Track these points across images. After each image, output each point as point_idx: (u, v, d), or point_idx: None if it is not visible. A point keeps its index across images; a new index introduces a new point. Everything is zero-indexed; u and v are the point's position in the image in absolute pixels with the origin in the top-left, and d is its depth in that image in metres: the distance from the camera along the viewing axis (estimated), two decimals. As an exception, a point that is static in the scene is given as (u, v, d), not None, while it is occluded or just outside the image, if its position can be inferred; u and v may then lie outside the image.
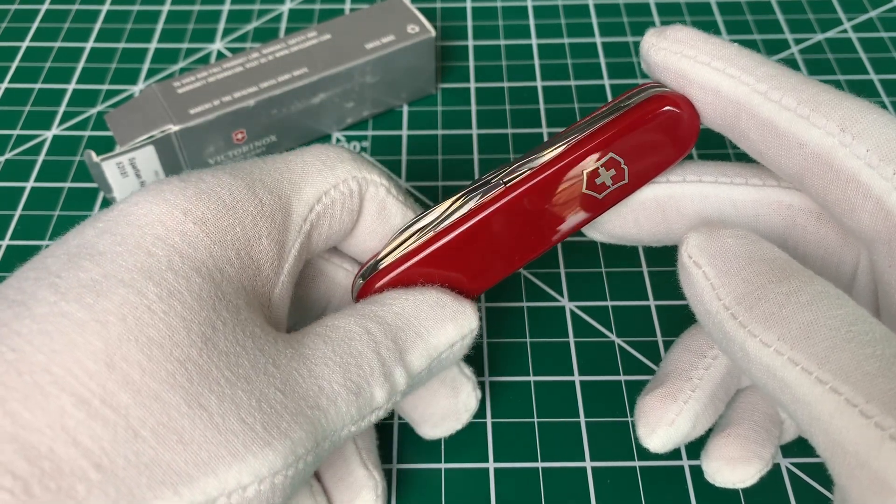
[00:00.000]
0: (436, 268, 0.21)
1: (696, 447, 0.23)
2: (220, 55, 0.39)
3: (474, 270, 0.21)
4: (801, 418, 0.16)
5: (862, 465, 0.14)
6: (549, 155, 0.21)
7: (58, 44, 0.40)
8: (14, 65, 0.39)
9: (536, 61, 0.39)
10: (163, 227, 0.18)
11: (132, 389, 0.15)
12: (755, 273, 0.18)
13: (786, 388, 0.16)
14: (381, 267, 0.21)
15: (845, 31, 0.40)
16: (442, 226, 0.21)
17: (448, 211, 0.21)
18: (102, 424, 0.15)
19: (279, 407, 0.17)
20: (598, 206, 0.21)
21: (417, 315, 0.20)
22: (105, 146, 0.35)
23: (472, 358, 0.28)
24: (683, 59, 0.20)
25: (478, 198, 0.21)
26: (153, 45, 0.40)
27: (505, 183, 0.21)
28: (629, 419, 0.26)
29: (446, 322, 0.20)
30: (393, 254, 0.21)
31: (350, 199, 0.21)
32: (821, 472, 0.25)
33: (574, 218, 0.21)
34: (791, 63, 0.38)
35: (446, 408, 0.23)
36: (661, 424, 0.21)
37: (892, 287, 0.19)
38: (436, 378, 0.23)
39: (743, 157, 0.34)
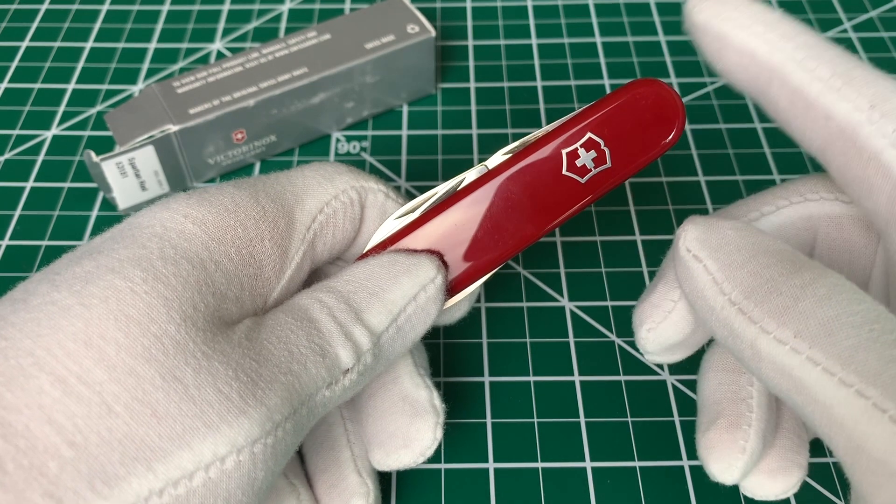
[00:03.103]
0: (420, 250, 0.21)
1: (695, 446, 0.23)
2: (220, 55, 0.39)
3: (462, 256, 0.21)
4: (818, 421, 0.15)
5: (891, 474, 0.14)
6: (532, 140, 0.21)
7: (58, 44, 0.40)
8: (14, 65, 0.39)
9: (536, 61, 0.39)
10: (162, 227, 0.18)
11: (107, 365, 0.16)
12: (763, 265, 0.17)
13: (802, 390, 0.15)
14: (364, 251, 0.22)
15: (845, 31, 0.40)
16: (427, 210, 0.21)
17: (435, 195, 0.21)
18: (77, 401, 0.15)
19: (254, 375, 0.17)
20: (582, 191, 0.21)
21: (369, 276, 0.20)
22: (105, 146, 0.35)
23: (473, 358, 0.28)
24: (725, 21, 0.20)
25: (463, 183, 0.21)
26: (153, 45, 0.40)
27: (487, 167, 0.21)
28: (629, 419, 0.26)
29: (400, 276, 0.20)
30: (378, 238, 0.22)
31: (351, 208, 0.22)
32: (821, 473, 0.25)
33: (561, 204, 0.21)
34: (791, 63, 0.38)
35: (398, 426, 0.22)
36: (734, 456, 0.20)
37: None
38: (399, 393, 0.22)
39: (743, 158, 0.34)
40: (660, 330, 0.20)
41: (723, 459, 0.20)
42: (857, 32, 0.40)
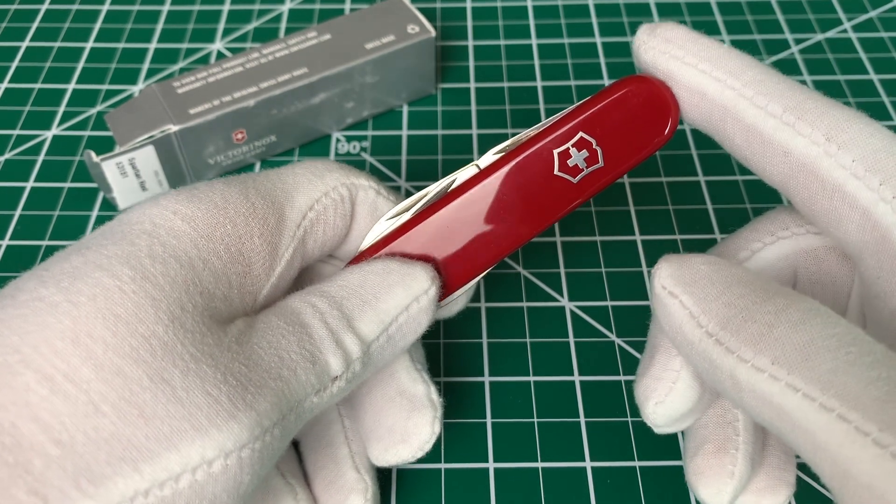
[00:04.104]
0: (414, 251, 0.21)
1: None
2: (220, 55, 0.39)
3: (456, 255, 0.21)
4: (803, 447, 0.15)
5: (878, 498, 0.13)
6: (524, 139, 0.21)
7: (58, 44, 0.40)
8: (14, 65, 0.39)
9: (536, 61, 0.39)
10: (151, 224, 0.18)
11: (94, 364, 0.15)
12: (737, 296, 0.17)
13: (784, 417, 0.15)
14: (358, 253, 0.22)
15: (845, 31, 0.40)
16: (420, 210, 0.21)
17: (427, 195, 0.21)
18: (63, 399, 0.15)
19: (244, 380, 0.17)
20: (574, 191, 0.21)
21: (363, 284, 0.20)
22: (105, 146, 0.35)
23: (473, 358, 0.28)
24: (671, 59, 0.20)
25: (455, 183, 0.21)
26: (153, 45, 0.40)
27: (479, 167, 0.21)
28: (629, 419, 0.26)
29: (394, 286, 0.20)
30: (371, 239, 0.21)
31: (342, 205, 0.22)
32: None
33: (553, 204, 0.21)
34: (791, 63, 0.38)
35: (396, 421, 0.22)
36: (723, 481, 0.20)
37: (879, 299, 0.18)
38: (397, 388, 0.22)
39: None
40: (668, 403, 0.20)
41: (712, 485, 0.20)
42: (857, 32, 0.40)
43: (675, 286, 0.18)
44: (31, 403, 0.15)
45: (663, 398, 0.20)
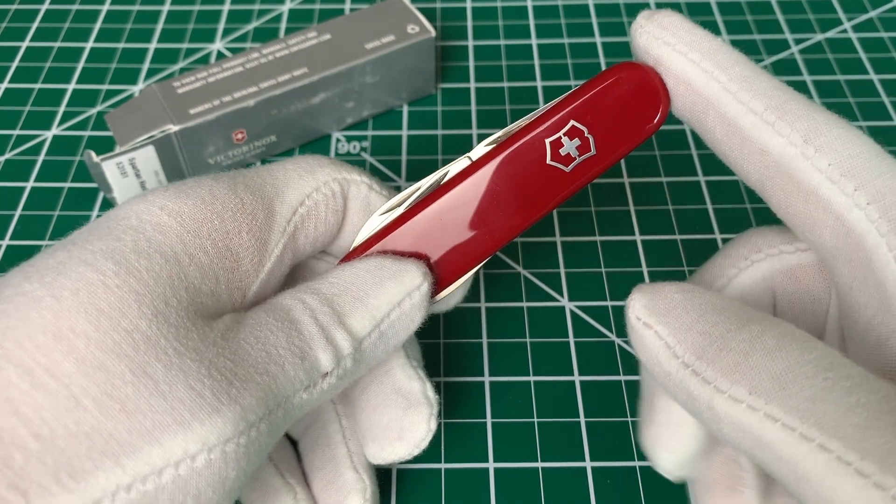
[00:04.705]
0: (407, 246, 0.21)
1: None
2: (220, 55, 0.39)
3: (451, 248, 0.21)
4: (785, 478, 0.15)
5: None
6: (515, 129, 0.21)
7: (58, 44, 0.40)
8: (14, 65, 0.39)
9: (536, 61, 0.39)
10: (138, 219, 0.18)
11: (76, 358, 0.15)
12: (711, 324, 0.17)
13: (765, 447, 0.15)
14: (351, 249, 0.21)
15: (845, 31, 0.40)
16: (413, 204, 0.21)
17: (420, 189, 0.21)
18: (44, 394, 0.15)
19: (229, 374, 0.17)
20: (567, 180, 0.21)
21: (355, 280, 0.20)
22: (105, 146, 0.35)
23: (472, 358, 0.28)
24: (663, 45, 0.20)
25: (447, 176, 0.21)
26: (153, 45, 0.40)
27: (471, 158, 0.21)
28: (629, 419, 0.26)
29: (386, 282, 0.20)
30: (364, 234, 0.21)
31: (333, 200, 0.21)
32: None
33: (546, 194, 0.21)
34: (791, 63, 0.38)
35: (391, 418, 0.22)
36: None
37: (854, 311, 0.18)
38: (392, 386, 0.22)
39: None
40: (680, 450, 0.20)
41: None
42: (857, 32, 0.40)
43: (649, 316, 0.18)
44: (11, 398, 0.15)
45: (673, 445, 0.20)
